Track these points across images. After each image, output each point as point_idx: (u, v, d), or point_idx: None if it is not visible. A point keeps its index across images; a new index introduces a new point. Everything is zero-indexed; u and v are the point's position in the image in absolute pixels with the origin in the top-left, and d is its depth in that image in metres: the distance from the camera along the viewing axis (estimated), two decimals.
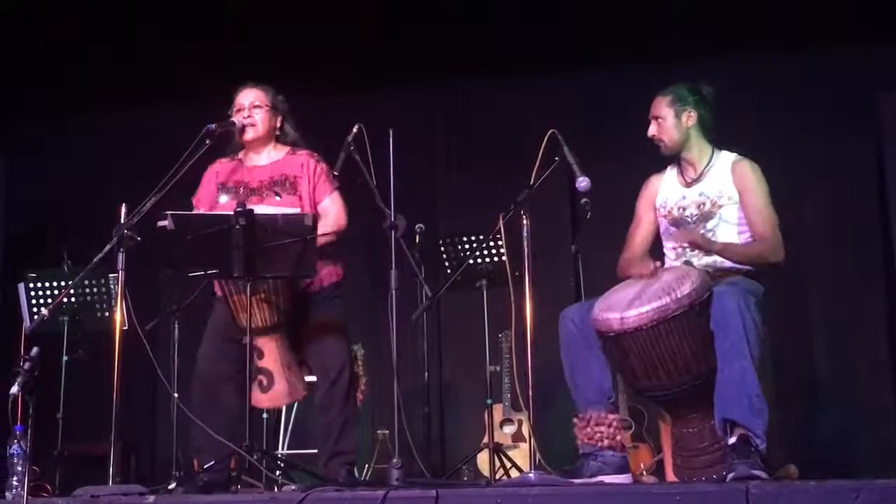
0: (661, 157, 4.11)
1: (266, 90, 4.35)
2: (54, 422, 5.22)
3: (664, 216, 4.10)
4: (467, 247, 5.13)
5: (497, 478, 4.67)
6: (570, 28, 6.11)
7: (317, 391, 4.18)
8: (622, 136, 5.29)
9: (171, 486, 3.94)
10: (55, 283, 5.34)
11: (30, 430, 3.61)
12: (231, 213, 3.87)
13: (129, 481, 4.73)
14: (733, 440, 3.53)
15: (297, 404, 4.93)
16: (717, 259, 3.89)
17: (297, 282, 4.12)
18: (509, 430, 5.84)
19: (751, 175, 3.95)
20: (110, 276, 5.26)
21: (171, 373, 5.04)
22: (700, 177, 4.03)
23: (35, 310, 5.29)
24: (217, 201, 4.27)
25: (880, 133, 6.00)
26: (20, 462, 3.95)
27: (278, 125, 4.36)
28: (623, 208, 4.27)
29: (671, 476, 3.94)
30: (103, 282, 5.34)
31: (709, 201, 3.98)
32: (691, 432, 3.80)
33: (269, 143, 4.35)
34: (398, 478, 3.60)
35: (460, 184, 6.61)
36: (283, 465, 4.34)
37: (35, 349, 3.50)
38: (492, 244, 5.02)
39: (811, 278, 5.94)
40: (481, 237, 5.00)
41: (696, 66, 5.46)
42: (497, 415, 5.75)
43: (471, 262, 5.00)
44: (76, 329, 5.40)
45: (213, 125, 4.14)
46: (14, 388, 3.43)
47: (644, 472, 5.16)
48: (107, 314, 5.30)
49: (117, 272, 3.91)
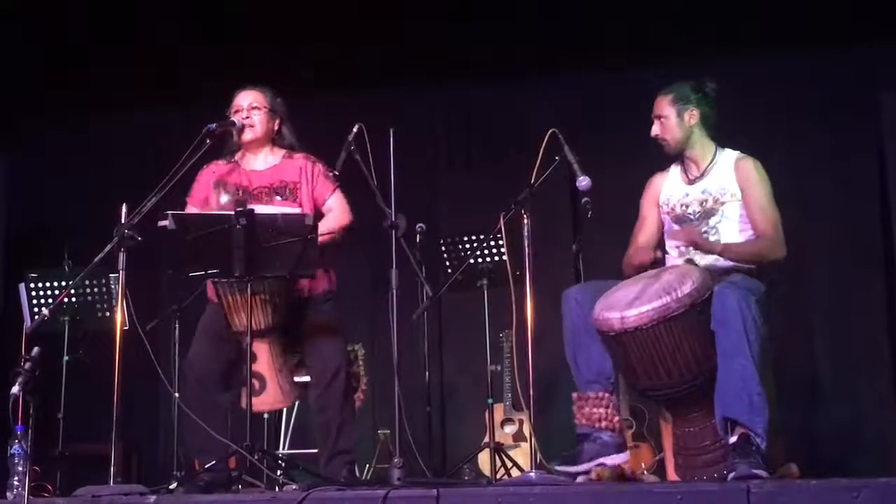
0: (661, 156, 4.11)
1: (265, 92, 4.34)
2: (55, 422, 5.23)
3: (667, 213, 4.10)
4: (468, 246, 5.12)
5: (498, 477, 4.67)
6: (569, 28, 6.10)
7: (313, 391, 4.17)
8: (622, 135, 5.30)
9: (172, 486, 3.94)
10: (56, 283, 5.34)
11: (31, 430, 3.61)
12: (231, 212, 3.87)
13: (130, 481, 4.73)
14: (734, 439, 3.53)
15: (297, 404, 4.91)
16: (718, 258, 3.88)
17: (293, 285, 4.11)
18: (510, 429, 5.84)
19: (753, 172, 3.95)
20: (111, 276, 5.26)
21: (171, 373, 5.04)
22: (703, 174, 4.03)
23: (36, 310, 5.29)
24: (210, 202, 4.25)
25: (882, 132, 5.99)
26: (21, 462, 3.95)
27: (276, 128, 4.35)
28: (624, 207, 4.27)
29: (672, 475, 3.94)
30: (104, 282, 5.33)
31: (711, 198, 3.98)
32: (692, 431, 3.80)
33: (266, 146, 4.34)
34: (399, 477, 3.60)
35: (460, 183, 6.60)
36: (283, 464, 4.33)
37: (36, 349, 3.49)
38: (492, 244, 5.02)
39: (813, 277, 5.93)
40: (482, 237, 5.00)
41: (696, 65, 5.45)
42: (498, 414, 5.75)
43: (471, 261, 5.00)
44: (77, 329, 5.40)
45: (214, 125, 4.15)
46: (15, 389, 3.42)
47: (645, 472, 5.16)
48: (107, 314, 5.30)
49: (118, 272, 3.91)
